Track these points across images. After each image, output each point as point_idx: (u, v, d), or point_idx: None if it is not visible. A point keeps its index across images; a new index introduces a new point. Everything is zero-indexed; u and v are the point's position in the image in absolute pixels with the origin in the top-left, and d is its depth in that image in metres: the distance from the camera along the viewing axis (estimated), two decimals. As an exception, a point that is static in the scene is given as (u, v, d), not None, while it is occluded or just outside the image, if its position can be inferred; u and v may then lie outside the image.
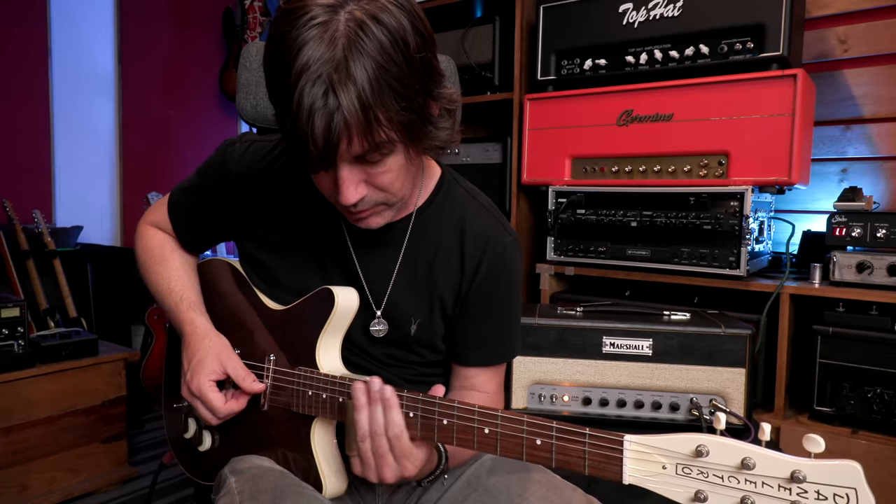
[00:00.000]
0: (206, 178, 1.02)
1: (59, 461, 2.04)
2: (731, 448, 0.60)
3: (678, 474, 0.62)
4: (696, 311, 1.54)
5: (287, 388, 0.92)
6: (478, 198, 1.01)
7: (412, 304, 0.97)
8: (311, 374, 0.89)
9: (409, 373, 1.02)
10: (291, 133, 0.70)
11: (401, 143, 0.75)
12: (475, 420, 0.75)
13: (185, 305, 0.99)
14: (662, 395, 1.41)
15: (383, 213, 0.84)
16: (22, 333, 1.99)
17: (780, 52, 1.57)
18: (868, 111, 1.91)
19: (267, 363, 0.94)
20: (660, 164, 1.74)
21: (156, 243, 1.08)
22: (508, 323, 1.02)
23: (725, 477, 0.60)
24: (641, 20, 1.76)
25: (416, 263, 0.96)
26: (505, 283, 0.98)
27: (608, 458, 0.66)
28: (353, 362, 0.97)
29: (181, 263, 1.06)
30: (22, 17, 2.87)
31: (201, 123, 3.65)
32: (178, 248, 1.08)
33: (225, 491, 0.85)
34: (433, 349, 1.01)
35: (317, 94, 0.67)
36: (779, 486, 0.58)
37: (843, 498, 0.57)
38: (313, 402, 0.88)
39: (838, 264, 1.54)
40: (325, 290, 0.92)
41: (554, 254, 1.89)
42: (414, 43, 0.71)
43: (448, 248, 0.96)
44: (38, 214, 2.57)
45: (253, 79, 1.32)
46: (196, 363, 0.92)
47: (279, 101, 0.72)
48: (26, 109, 2.91)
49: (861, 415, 1.48)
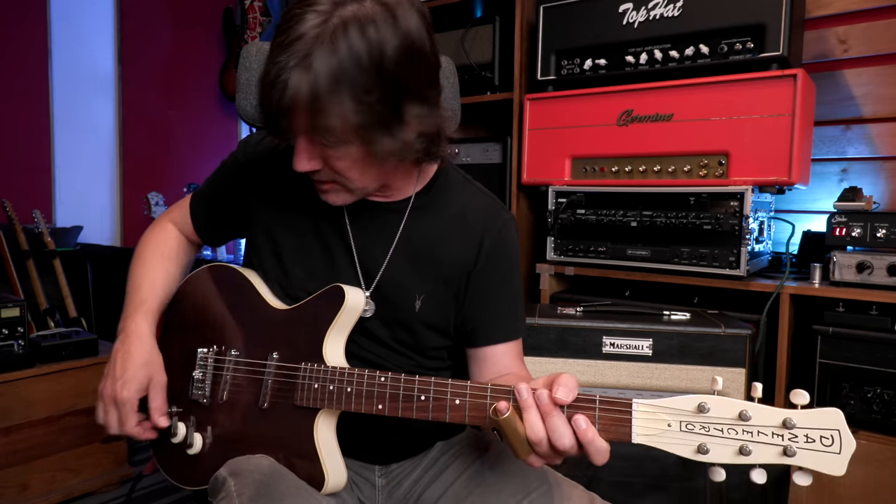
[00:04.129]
0: (224, 168, 1.09)
1: (59, 461, 2.04)
2: (730, 403, 0.67)
3: (682, 430, 0.68)
4: (696, 311, 1.54)
5: (291, 384, 0.92)
6: (474, 183, 1.08)
7: (414, 282, 0.99)
8: (318, 368, 0.90)
9: (410, 363, 1.02)
10: (260, 96, 0.80)
11: (354, 140, 0.80)
12: (487, 397, 0.79)
13: (143, 311, 1.00)
14: (662, 395, 1.40)
15: (340, 193, 0.90)
16: (22, 333, 1.99)
17: (780, 52, 1.57)
18: (868, 111, 1.91)
19: (270, 361, 0.95)
20: (660, 164, 1.74)
21: (161, 240, 1.11)
22: (518, 297, 1.06)
23: (725, 429, 0.66)
24: (641, 20, 1.76)
25: (417, 243, 0.99)
26: (510, 257, 1.04)
27: (618, 420, 0.71)
28: (355, 354, 0.97)
29: (167, 275, 1.07)
30: (22, 17, 2.87)
31: (201, 123, 3.65)
32: (177, 256, 1.11)
33: (224, 494, 0.85)
34: (439, 331, 1.02)
35: (284, 64, 0.75)
36: (772, 434, 0.65)
37: (828, 439, 0.64)
38: (319, 395, 0.89)
39: (838, 264, 1.54)
40: (335, 287, 0.94)
41: (554, 254, 1.89)
42: (393, 59, 0.76)
43: (450, 228, 1.00)
44: (38, 214, 2.57)
45: (252, 79, 1.32)
46: (133, 372, 0.94)
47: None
48: (26, 109, 2.91)
49: (861, 415, 1.48)
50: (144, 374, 0.94)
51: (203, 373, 0.99)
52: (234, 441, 0.95)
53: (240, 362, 0.97)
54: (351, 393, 0.87)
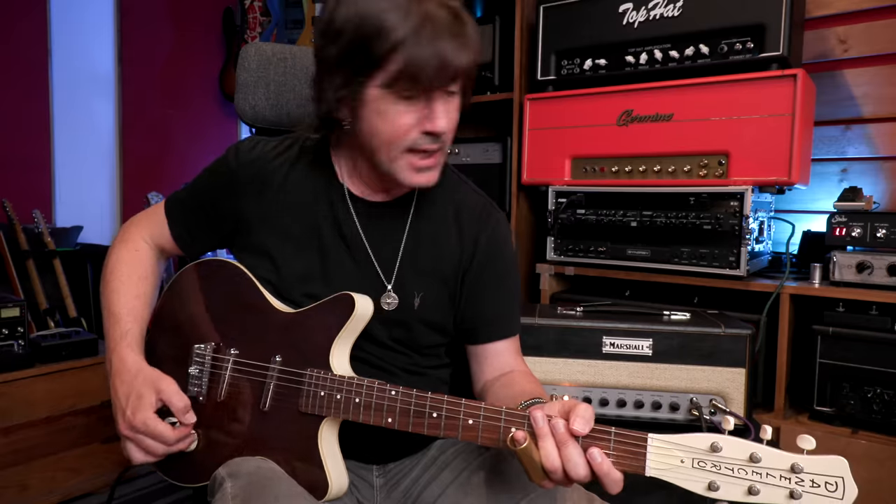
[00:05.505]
0: (213, 175, 1.05)
1: (59, 461, 2.04)
2: (742, 445, 0.69)
3: (694, 467, 0.71)
4: (696, 311, 1.54)
5: (295, 389, 0.91)
6: (467, 181, 1.10)
7: (415, 279, 1.00)
8: (325, 376, 0.89)
9: (408, 361, 1.02)
10: (411, 47, 0.80)
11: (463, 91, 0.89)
12: (501, 420, 0.79)
13: (127, 342, 0.96)
14: (662, 395, 1.40)
15: (441, 160, 0.94)
16: (22, 333, 1.99)
17: (780, 52, 1.57)
18: (868, 111, 1.91)
19: (272, 363, 0.94)
20: (660, 164, 1.74)
21: (134, 260, 1.05)
22: (516, 293, 1.09)
23: (735, 469, 0.69)
24: (641, 20, 1.76)
25: (419, 240, 1.01)
26: (506, 254, 1.06)
27: (633, 453, 0.73)
28: (355, 355, 0.97)
29: (145, 299, 1.03)
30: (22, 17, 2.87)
31: (201, 123, 3.65)
32: (152, 274, 1.07)
33: (220, 495, 0.85)
34: (437, 329, 1.03)
35: (446, 17, 0.81)
36: (780, 476, 0.68)
37: (832, 485, 0.67)
38: (325, 403, 0.88)
39: (838, 264, 1.54)
40: (345, 295, 0.93)
41: (554, 254, 1.89)
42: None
43: (448, 225, 1.02)
44: (38, 214, 2.57)
45: (251, 79, 1.32)
46: (135, 399, 0.90)
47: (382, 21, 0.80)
48: (26, 109, 2.90)
49: (861, 415, 1.48)
50: (149, 390, 0.91)
51: (200, 369, 0.98)
52: (232, 441, 0.94)
53: (240, 362, 0.96)
54: (359, 404, 0.87)
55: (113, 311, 0.99)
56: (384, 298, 0.99)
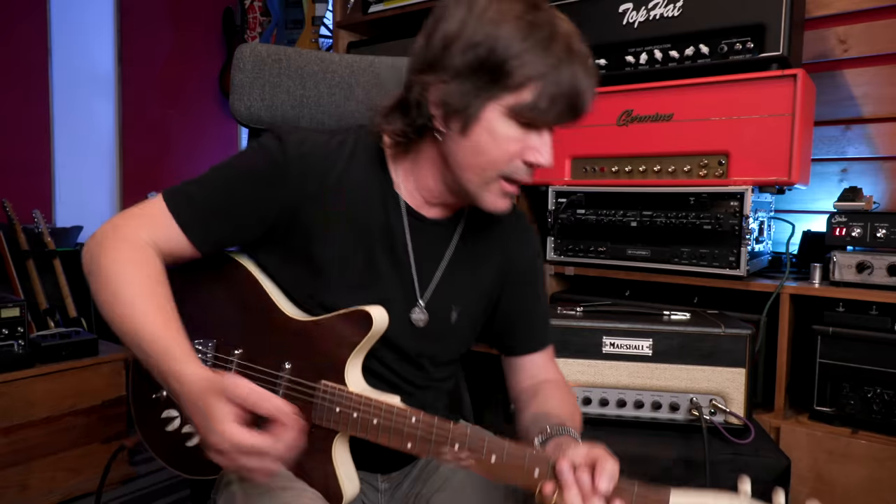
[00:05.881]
0: (251, 169, 0.92)
1: (59, 461, 2.04)
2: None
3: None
4: (696, 311, 1.53)
5: (306, 400, 0.89)
6: None
7: (453, 294, 1.00)
8: (341, 392, 0.87)
9: (420, 375, 1.01)
10: (550, 80, 0.81)
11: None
12: (525, 460, 0.79)
13: (173, 356, 0.79)
14: (662, 395, 1.40)
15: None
16: (22, 333, 1.99)
17: (780, 52, 1.57)
18: (868, 111, 1.91)
19: (282, 371, 0.91)
20: (660, 164, 1.74)
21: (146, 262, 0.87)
22: (547, 303, 1.12)
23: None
24: (641, 20, 1.76)
25: (462, 257, 1.00)
26: (539, 267, 1.10)
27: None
28: (369, 368, 0.94)
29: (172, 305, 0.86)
30: (22, 18, 2.87)
31: (201, 123, 3.65)
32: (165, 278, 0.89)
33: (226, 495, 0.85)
34: (467, 343, 1.05)
35: (585, 55, 0.85)
36: None
37: None
38: (341, 419, 0.86)
39: (838, 264, 1.54)
40: (361, 311, 0.90)
41: (554, 254, 1.89)
42: None
43: (489, 241, 1.03)
44: (38, 214, 2.57)
45: (247, 80, 1.31)
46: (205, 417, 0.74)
47: (524, 47, 0.80)
48: (26, 109, 2.91)
49: (861, 415, 1.48)
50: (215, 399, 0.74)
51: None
52: None
53: (245, 364, 0.94)
54: (377, 426, 0.84)
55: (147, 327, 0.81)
56: (415, 314, 0.96)
